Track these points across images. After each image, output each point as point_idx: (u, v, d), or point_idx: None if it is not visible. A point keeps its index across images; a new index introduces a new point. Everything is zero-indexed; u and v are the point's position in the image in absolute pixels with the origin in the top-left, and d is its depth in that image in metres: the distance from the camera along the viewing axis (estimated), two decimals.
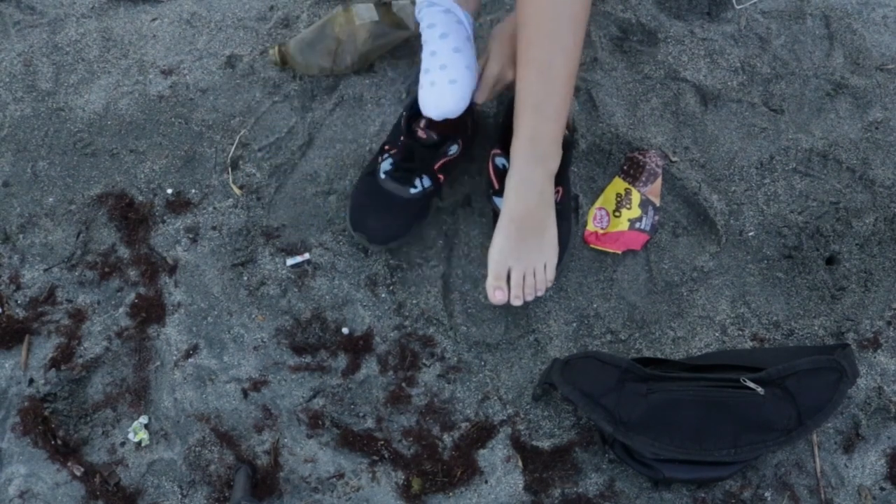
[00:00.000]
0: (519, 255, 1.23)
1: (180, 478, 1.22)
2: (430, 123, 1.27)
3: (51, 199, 1.38)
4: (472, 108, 1.34)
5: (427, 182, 1.30)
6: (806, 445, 1.25)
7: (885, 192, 1.40)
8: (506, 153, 1.27)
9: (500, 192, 1.28)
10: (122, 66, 1.49)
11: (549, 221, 1.24)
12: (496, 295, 1.23)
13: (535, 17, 1.11)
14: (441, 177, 1.30)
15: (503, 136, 1.30)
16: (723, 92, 1.46)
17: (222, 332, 1.30)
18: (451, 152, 1.29)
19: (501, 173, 1.28)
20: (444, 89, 1.23)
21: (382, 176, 1.30)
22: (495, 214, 1.31)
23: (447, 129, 1.29)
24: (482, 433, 1.25)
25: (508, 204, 1.22)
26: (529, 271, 1.24)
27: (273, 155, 1.41)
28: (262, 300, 1.32)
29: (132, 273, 1.33)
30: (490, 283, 1.24)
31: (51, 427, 1.24)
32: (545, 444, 1.24)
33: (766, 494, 1.22)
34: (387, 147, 1.32)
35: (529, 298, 1.25)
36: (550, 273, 1.26)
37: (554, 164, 1.22)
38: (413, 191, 1.29)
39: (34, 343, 1.29)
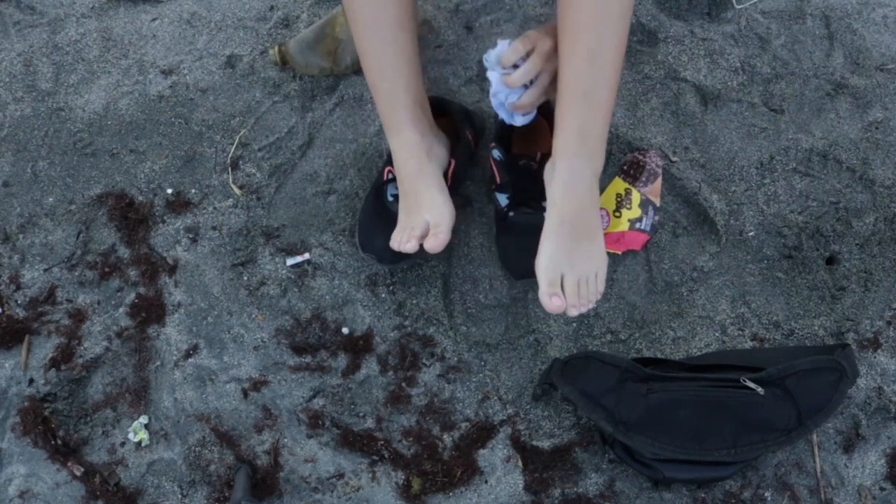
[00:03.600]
0: (572, 260, 1.12)
1: (180, 478, 1.22)
2: None
3: (51, 199, 1.38)
4: (469, 118, 1.34)
5: None
6: (806, 445, 1.25)
7: (885, 192, 1.40)
8: (501, 145, 1.29)
9: (501, 187, 1.28)
10: (122, 66, 1.49)
11: (598, 226, 1.15)
12: (553, 302, 1.11)
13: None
14: None
15: (499, 133, 1.31)
16: (723, 92, 1.46)
17: (222, 332, 1.30)
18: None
19: (501, 164, 1.28)
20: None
21: (390, 199, 1.29)
22: (497, 212, 1.31)
23: None
24: (482, 433, 1.25)
25: (556, 204, 1.11)
26: (583, 280, 1.13)
27: (273, 155, 1.41)
28: (262, 300, 1.32)
29: (132, 273, 1.33)
30: (544, 290, 1.12)
31: (51, 427, 1.24)
32: (545, 444, 1.24)
33: (766, 494, 1.22)
34: (389, 169, 1.30)
35: (584, 310, 1.14)
36: (601, 284, 1.15)
37: (600, 162, 1.13)
38: None
39: (34, 343, 1.29)
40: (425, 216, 1.20)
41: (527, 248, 1.18)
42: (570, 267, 1.12)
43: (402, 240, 1.20)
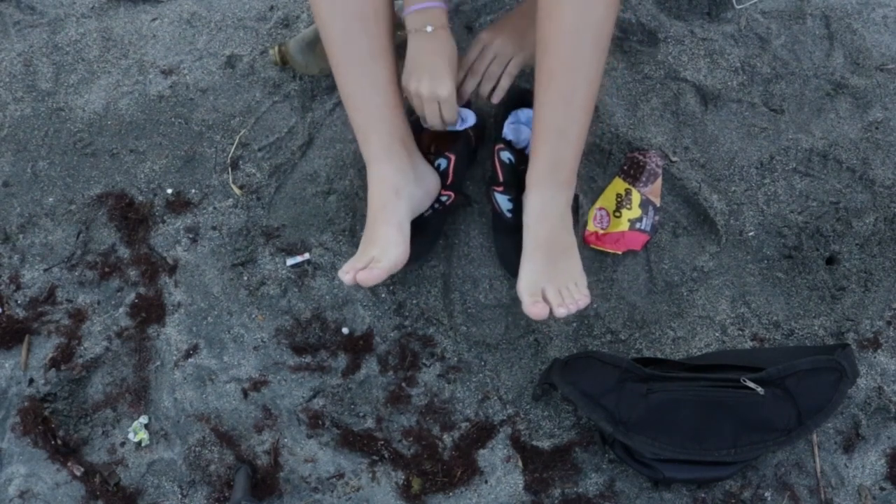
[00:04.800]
0: (550, 276, 1.19)
1: (180, 478, 1.22)
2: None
3: (51, 199, 1.38)
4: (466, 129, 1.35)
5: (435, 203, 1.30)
6: (806, 445, 1.25)
7: (885, 192, 1.40)
8: (509, 148, 1.29)
9: (504, 188, 1.29)
10: (122, 66, 1.49)
11: (573, 247, 1.22)
12: (536, 307, 1.15)
13: (556, 44, 1.09)
14: (451, 193, 1.30)
15: (501, 133, 1.32)
16: (723, 92, 1.46)
17: (222, 332, 1.30)
18: (441, 167, 1.29)
19: (507, 167, 1.29)
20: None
21: None
22: (495, 213, 1.31)
23: (440, 145, 1.30)
24: (482, 433, 1.25)
25: (531, 231, 1.20)
26: (563, 287, 1.19)
27: (273, 155, 1.41)
28: (262, 300, 1.32)
29: (132, 273, 1.33)
30: (526, 302, 1.17)
31: (51, 427, 1.24)
32: (545, 444, 1.24)
33: (766, 494, 1.22)
34: None
35: (573, 309, 1.17)
36: (583, 289, 1.20)
37: (572, 191, 1.21)
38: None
39: (34, 343, 1.29)
40: (373, 251, 1.19)
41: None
42: (549, 281, 1.19)
43: (344, 270, 1.18)
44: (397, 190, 1.20)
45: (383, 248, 1.18)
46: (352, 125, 1.20)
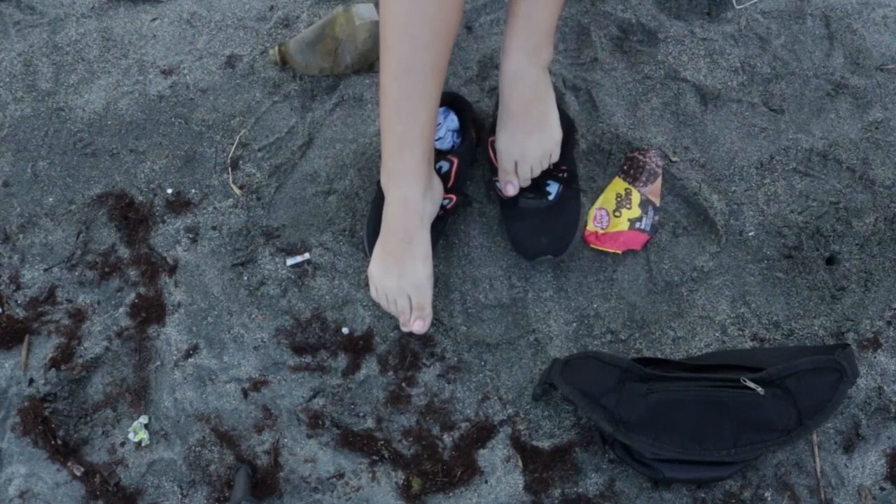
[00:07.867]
0: (523, 149, 1.22)
1: (180, 478, 1.22)
2: None
3: (51, 199, 1.38)
4: (474, 118, 1.35)
5: None
6: (806, 445, 1.25)
7: (885, 192, 1.40)
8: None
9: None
10: (122, 66, 1.49)
11: (549, 114, 1.22)
12: (507, 189, 1.27)
13: None
14: (452, 196, 1.30)
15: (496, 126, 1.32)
16: (723, 92, 1.46)
17: (222, 332, 1.30)
18: (442, 170, 1.29)
19: None
20: None
21: None
22: (501, 202, 1.32)
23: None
24: (482, 433, 1.25)
25: (504, 100, 1.20)
26: (536, 164, 1.25)
27: (273, 155, 1.41)
28: (262, 300, 1.32)
29: (132, 273, 1.33)
30: (501, 177, 1.27)
31: (51, 427, 1.24)
32: (545, 444, 1.24)
33: (766, 494, 1.22)
34: None
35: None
36: (556, 157, 1.28)
37: (547, 55, 1.19)
38: None
39: (34, 343, 1.29)
40: (407, 291, 1.22)
41: (537, 230, 1.30)
42: (522, 155, 1.24)
43: (402, 320, 1.25)
44: (422, 217, 1.20)
45: (419, 289, 1.22)
46: (388, 136, 1.15)
